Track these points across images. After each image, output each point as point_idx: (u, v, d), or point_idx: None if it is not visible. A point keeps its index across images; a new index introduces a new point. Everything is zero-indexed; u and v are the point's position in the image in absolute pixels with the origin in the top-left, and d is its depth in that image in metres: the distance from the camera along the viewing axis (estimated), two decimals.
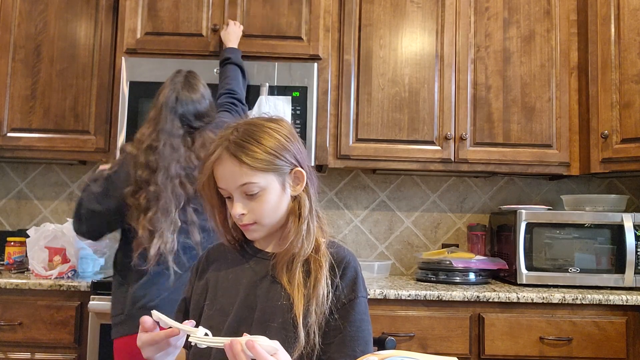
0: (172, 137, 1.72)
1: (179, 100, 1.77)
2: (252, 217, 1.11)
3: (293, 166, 1.13)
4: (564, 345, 2.05)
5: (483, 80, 2.44)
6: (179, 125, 1.75)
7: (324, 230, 1.19)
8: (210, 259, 1.25)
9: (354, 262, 1.15)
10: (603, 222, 2.27)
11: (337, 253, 1.15)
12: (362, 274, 1.16)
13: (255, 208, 1.10)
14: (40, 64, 2.41)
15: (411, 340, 2.05)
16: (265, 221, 1.12)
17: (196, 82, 1.85)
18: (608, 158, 2.32)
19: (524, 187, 2.77)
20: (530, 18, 2.46)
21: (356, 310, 1.10)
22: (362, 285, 1.14)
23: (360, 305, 1.11)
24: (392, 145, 2.42)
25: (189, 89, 1.80)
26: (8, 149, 2.41)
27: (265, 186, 1.10)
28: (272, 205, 1.11)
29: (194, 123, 1.78)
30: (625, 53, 2.30)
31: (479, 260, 2.34)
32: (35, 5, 2.43)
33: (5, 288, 2.06)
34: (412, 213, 2.76)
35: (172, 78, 1.84)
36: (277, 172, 1.11)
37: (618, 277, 2.23)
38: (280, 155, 1.11)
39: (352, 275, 1.13)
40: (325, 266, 1.11)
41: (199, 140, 1.76)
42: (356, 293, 1.12)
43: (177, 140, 1.73)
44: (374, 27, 2.46)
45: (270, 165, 1.09)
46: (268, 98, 2.26)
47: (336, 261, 1.13)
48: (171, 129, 1.73)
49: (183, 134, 1.75)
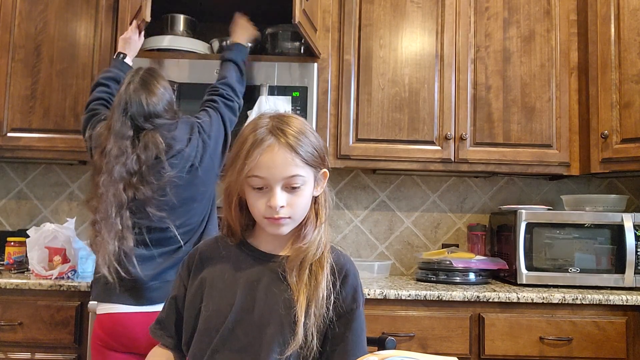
0: (121, 138, 1.68)
1: (131, 100, 1.70)
2: (289, 211, 1.10)
3: (323, 166, 1.14)
4: (564, 345, 2.05)
5: (483, 80, 2.44)
6: (128, 126, 1.70)
7: (329, 234, 1.19)
8: (203, 257, 1.21)
9: (354, 271, 1.15)
10: (603, 222, 2.27)
11: (337, 259, 1.15)
12: (360, 282, 1.16)
13: (294, 202, 1.10)
14: (40, 64, 2.41)
15: (411, 340, 2.05)
16: (298, 216, 1.12)
17: (153, 81, 1.77)
18: (608, 158, 2.32)
19: (524, 187, 2.78)
20: (530, 18, 2.46)
21: (358, 320, 1.12)
22: (362, 295, 1.15)
23: (361, 315, 1.13)
24: (392, 145, 2.42)
25: (143, 88, 1.73)
26: (8, 149, 2.41)
27: (306, 180, 1.10)
28: (307, 201, 1.13)
29: (142, 124, 1.71)
30: (625, 53, 2.30)
31: (479, 260, 2.34)
32: (35, 5, 2.43)
33: (5, 288, 2.06)
34: (412, 213, 2.76)
35: (130, 75, 1.77)
36: (316, 168, 1.12)
37: (618, 277, 2.23)
38: (321, 152, 1.13)
39: (353, 284, 1.14)
40: (326, 269, 1.10)
41: (142, 141, 1.70)
42: (357, 303, 1.13)
43: (125, 143, 1.68)
44: (374, 27, 2.46)
45: (316, 161, 1.11)
46: (268, 98, 2.26)
47: (337, 267, 1.13)
48: (119, 130, 1.68)
49: (132, 135, 1.70)
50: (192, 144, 1.79)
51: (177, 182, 1.72)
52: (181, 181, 1.73)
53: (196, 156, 1.79)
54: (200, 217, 1.83)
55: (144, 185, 1.67)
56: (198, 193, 1.80)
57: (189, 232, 1.79)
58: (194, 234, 1.81)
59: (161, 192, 1.70)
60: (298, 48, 2.40)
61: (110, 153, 1.66)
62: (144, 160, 1.68)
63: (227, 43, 2.40)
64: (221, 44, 2.42)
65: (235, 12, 2.25)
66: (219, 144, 1.90)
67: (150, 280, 1.71)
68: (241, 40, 2.17)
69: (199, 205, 1.81)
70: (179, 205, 1.74)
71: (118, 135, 1.68)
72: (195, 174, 1.78)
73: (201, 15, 2.51)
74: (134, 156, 1.67)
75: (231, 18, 2.61)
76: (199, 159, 1.79)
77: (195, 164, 1.78)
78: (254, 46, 2.28)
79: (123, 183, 1.66)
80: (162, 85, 1.78)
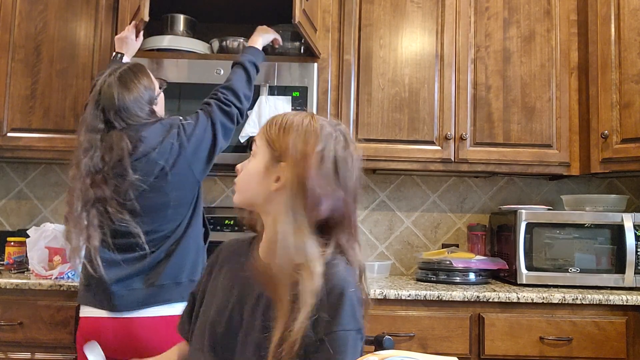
0: (91, 131, 1.63)
1: (103, 92, 1.65)
2: (239, 176, 1.14)
3: (283, 160, 1.07)
4: (564, 345, 2.05)
5: (483, 80, 2.44)
6: (100, 119, 1.64)
7: (321, 247, 1.06)
8: (220, 257, 1.23)
9: (343, 289, 1.01)
10: (603, 222, 2.27)
11: (332, 276, 1.02)
12: (353, 303, 1.01)
13: (244, 168, 1.14)
14: (40, 63, 2.41)
15: (411, 340, 2.05)
16: (240, 186, 1.13)
17: (132, 78, 1.70)
18: (608, 158, 2.32)
19: (524, 187, 2.77)
20: (530, 18, 2.46)
21: (332, 347, 0.97)
22: (347, 316, 0.99)
23: (336, 342, 0.97)
24: (392, 145, 2.42)
25: (119, 82, 1.66)
26: (8, 149, 2.41)
27: (258, 153, 1.12)
28: (251, 174, 1.11)
29: (112, 119, 1.65)
30: (625, 53, 2.30)
31: (479, 260, 2.34)
32: (35, 5, 2.43)
33: (5, 288, 2.06)
34: (412, 213, 2.76)
35: (112, 68, 1.73)
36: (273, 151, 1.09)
37: (618, 277, 2.23)
38: (294, 149, 1.07)
39: (335, 303, 0.99)
40: (310, 290, 0.98)
41: (107, 141, 1.63)
42: (336, 326, 0.98)
43: (95, 136, 1.62)
44: (374, 27, 2.46)
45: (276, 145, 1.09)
46: (268, 98, 2.26)
47: (327, 286, 1.01)
48: (90, 123, 1.64)
49: (103, 129, 1.64)
50: (163, 146, 1.67)
51: (143, 187, 1.63)
52: (147, 185, 1.63)
53: (167, 160, 1.67)
54: (174, 224, 1.71)
55: (107, 186, 1.60)
56: (170, 199, 1.68)
57: (159, 239, 1.69)
58: (165, 241, 1.70)
59: (124, 195, 1.62)
60: (298, 48, 2.40)
61: (80, 145, 1.62)
62: (107, 161, 1.62)
63: (226, 43, 2.40)
64: (221, 44, 2.41)
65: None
66: (202, 149, 1.76)
67: (114, 285, 1.64)
68: (255, 43, 2.07)
69: (173, 211, 1.70)
70: (145, 212, 1.65)
71: (89, 128, 1.63)
72: (164, 178, 1.66)
73: (201, 15, 2.51)
74: (100, 153, 1.62)
75: (231, 18, 2.63)
76: (171, 163, 1.67)
77: (166, 168, 1.66)
78: (271, 48, 2.23)
79: (90, 178, 1.60)
80: (142, 84, 1.71)
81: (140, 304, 1.65)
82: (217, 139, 1.80)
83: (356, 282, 1.07)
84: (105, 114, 1.65)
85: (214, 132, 1.80)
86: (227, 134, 1.85)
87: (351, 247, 1.10)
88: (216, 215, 2.59)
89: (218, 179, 2.75)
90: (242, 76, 1.95)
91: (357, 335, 1.00)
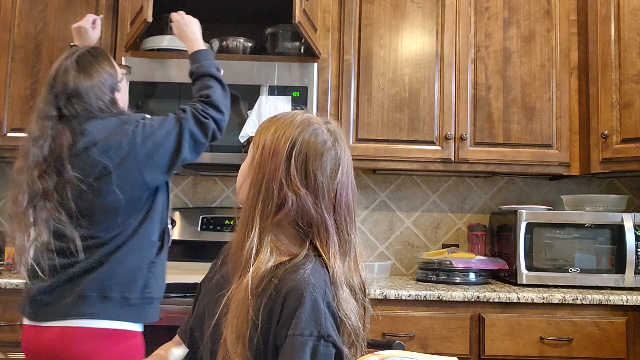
0: (42, 118, 1.48)
1: (58, 76, 1.50)
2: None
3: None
4: (564, 345, 2.05)
5: (483, 80, 2.44)
6: (53, 105, 1.50)
7: (283, 250, 1.03)
8: (222, 255, 1.21)
9: (302, 291, 0.93)
10: (603, 222, 2.27)
11: (294, 278, 0.95)
12: (317, 307, 0.93)
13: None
14: (40, 63, 2.40)
15: (411, 340, 2.05)
16: (238, 184, 1.12)
17: (91, 60, 1.54)
18: (608, 158, 2.32)
19: (524, 187, 2.78)
20: (530, 18, 2.46)
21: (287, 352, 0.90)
22: (305, 320, 0.91)
23: (290, 346, 0.90)
24: (392, 145, 2.42)
25: (77, 65, 1.51)
26: (8, 149, 2.40)
27: (250, 151, 1.10)
28: (244, 170, 1.10)
29: (64, 106, 1.49)
30: (625, 53, 2.30)
31: (479, 261, 2.34)
32: (35, 5, 2.43)
33: (5, 288, 2.06)
34: (412, 213, 2.76)
35: (69, 51, 1.57)
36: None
37: (618, 277, 2.23)
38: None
39: (292, 305, 0.93)
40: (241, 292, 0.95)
41: (51, 133, 1.48)
42: (291, 329, 0.91)
43: (46, 123, 1.48)
44: (374, 27, 2.46)
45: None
46: (268, 98, 2.26)
47: (286, 287, 0.95)
48: (42, 109, 1.50)
49: (56, 116, 1.49)
50: (108, 143, 1.49)
51: (81, 187, 1.46)
52: (86, 186, 1.47)
53: (112, 158, 1.48)
54: (114, 232, 1.52)
55: (51, 179, 1.46)
56: (111, 203, 1.50)
57: (94, 246, 1.50)
58: (100, 249, 1.51)
59: (61, 193, 1.46)
60: (298, 48, 2.40)
61: (30, 133, 1.48)
62: (48, 154, 1.47)
63: (226, 43, 2.40)
64: (221, 44, 2.41)
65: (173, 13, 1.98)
66: (160, 154, 1.55)
67: (39, 291, 1.50)
68: (197, 45, 1.86)
69: (114, 218, 1.51)
70: (83, 215, 1.48)
71: (40, 115, 1.49)
72: (106, 179, 1.48)
73: (201, 15, 2.50)
74: (48, 143, 1.46)
75: (231, 18, 2.62)
76: (116, 162, 1.49)
77: (109, 167, 1.48)
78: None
79: (37, 170, 1.45)
80: (103, 69, 1.54)
81: (62, 315, 1.48)
82: (181, 148, 1.58)
83: (326, 287, 0.97)
84: (58, 100, 1.50)
85: (179, 140, 1.58)
86: (197, 148, 1.64)
87: (327, 253, 1.02)
88: (216, 215, 2.60)
89: (218, 179, 2.75)
90: (218, 88, 1.75)
91: (319, 342, 0.91)
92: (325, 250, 1.02)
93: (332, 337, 0.92)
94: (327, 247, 1.02)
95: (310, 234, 1.03)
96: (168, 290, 2.06)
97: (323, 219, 1.01)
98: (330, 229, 1.02)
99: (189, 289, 2.03)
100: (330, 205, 1.03)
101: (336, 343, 0.93)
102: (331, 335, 0.92)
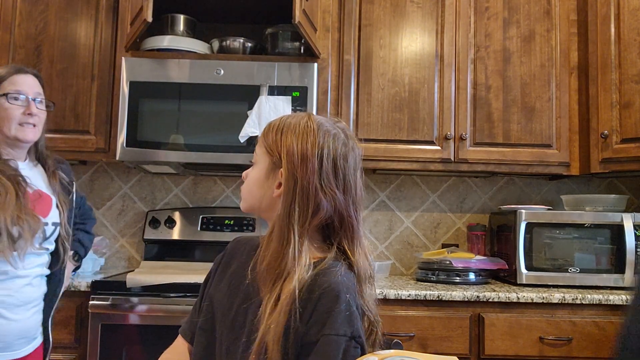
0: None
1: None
2: (244, 183, 1.14)
3: (281, 165, 1.06)
4: (564, 345, 2.05)
5: (483, 80, 2.44)
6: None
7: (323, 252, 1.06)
8: (228, 254, 1.21)
9: (338, 292, 0.97)
10: (603, 222, 2.27)
11: (328, 280, 0.99)
12: (350, 309, 0.97)
13: (247, 175, 1.14)
14: (41, 64, 2.41)
15: (411, 340, 2.05)
16: (245, 192, 1.14)
17: None
18: (608, 158, 2.32)
19: (524, 187, 2.78)
20: (530, 18, 2.46)
21: (323, 351, 0.93)
22: (341, 320, 0.95)
23: (327, 345, 0.94)
24: (392, 145, 2.42)
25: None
26: None
27: (259, 160, 1.12)
28: (253, 182, 1.11)
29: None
30: (625, 53, 2.30)
31: (479, 260, 2.34)
32: (36, 5, 2.43)
33: None
34: (412, 213, 2.76)
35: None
36: (272, 157, 1.08)
37: (618, 277, 2.23)
38: (292, 153, 1.06)
39: (328, 306, 0.96)
40: (286, 297, 0.97)
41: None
42: (327, 329, 0.94)
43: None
44: (374, 27, 2.46)
45: (274, 151, 1.09)
46: (268, 98, 2.26)
47: (320, 290, 0.97)
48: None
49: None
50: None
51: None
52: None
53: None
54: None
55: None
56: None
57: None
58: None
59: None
60: (298, 48, 2.40)
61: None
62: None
63: (226, 43, 2.39)
64: (221, 44, 2.42)
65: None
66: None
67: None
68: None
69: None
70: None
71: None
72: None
73: (201, 15, 2.51)
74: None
75: (231, 18, 2.63)
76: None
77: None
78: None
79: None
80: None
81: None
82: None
83: (355, 288, 1.03)
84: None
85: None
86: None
87: (353, 251, 1.07)
88: (216, 215, 2.60)
89: (218, 179, 2.75)
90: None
91: (351, 342, 0.95)
92: (352, 250, 1.07)
93: (362, 339, 0.97)
94: (352, 246, 1.07)
95: (338, 236, 1.07)
96: (168, 290, 2.07)
97: (352, 217, 1.07)
98: (356, 226, 1.08)
99: (189, 289, 2.04)
100: (355, 202, 1.09)
101: (364, 344, 0.98)
102: (361, 337, 0.97)
